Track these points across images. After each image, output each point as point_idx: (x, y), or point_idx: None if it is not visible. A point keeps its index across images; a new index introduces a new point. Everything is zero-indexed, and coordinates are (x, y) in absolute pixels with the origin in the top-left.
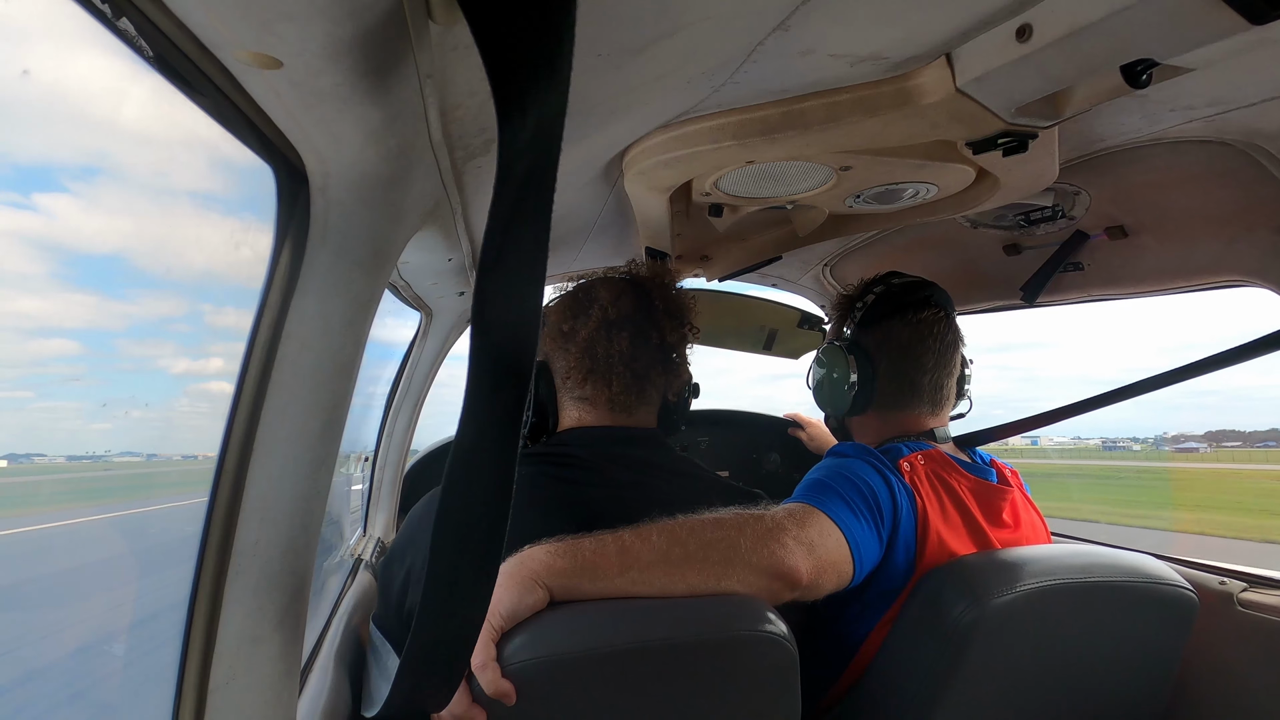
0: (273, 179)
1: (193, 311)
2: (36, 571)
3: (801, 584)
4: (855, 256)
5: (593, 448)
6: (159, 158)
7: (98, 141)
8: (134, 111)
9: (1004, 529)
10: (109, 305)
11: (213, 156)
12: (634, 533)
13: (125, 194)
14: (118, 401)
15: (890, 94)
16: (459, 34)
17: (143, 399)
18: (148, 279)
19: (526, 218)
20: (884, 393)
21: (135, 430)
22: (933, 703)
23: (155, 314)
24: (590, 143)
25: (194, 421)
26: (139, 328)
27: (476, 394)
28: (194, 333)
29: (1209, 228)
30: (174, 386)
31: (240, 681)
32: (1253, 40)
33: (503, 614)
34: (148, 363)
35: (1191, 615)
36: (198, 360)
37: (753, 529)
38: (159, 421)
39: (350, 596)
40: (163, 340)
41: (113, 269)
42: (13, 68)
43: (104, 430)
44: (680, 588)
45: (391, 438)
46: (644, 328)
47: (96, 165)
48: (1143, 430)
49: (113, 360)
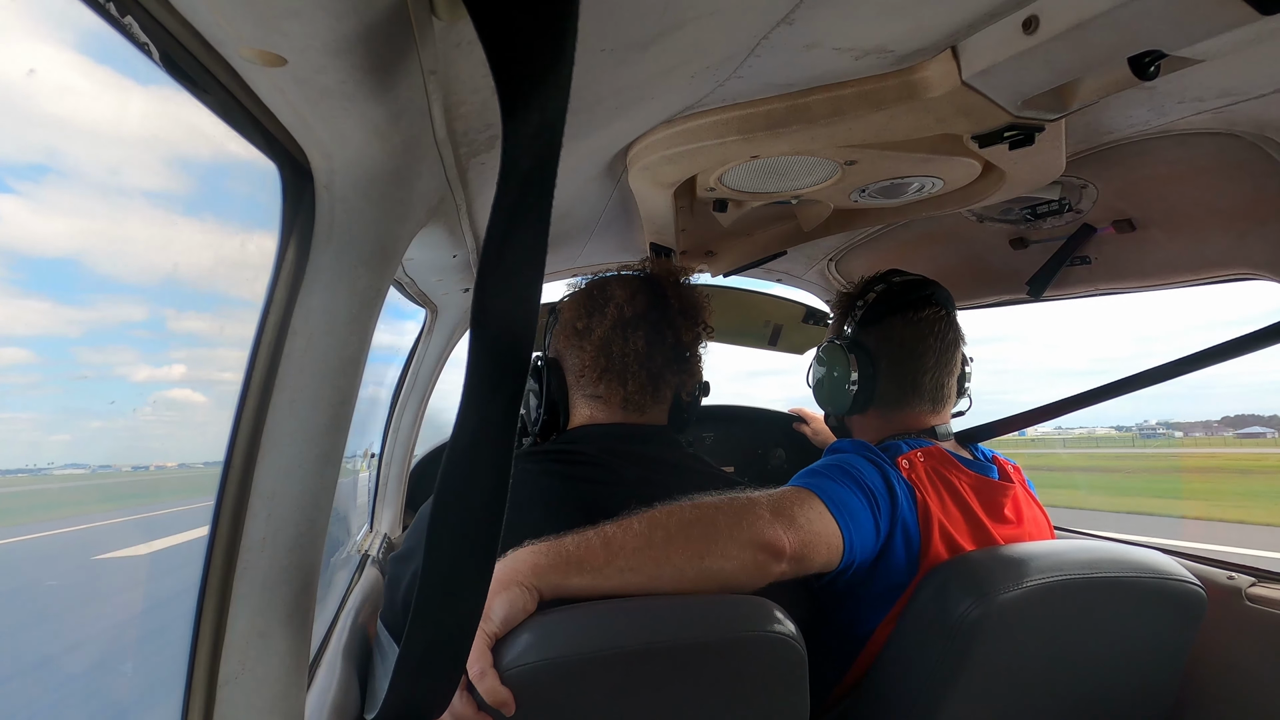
0: (278, 176)
1: (196, 311)
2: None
3: (785, 554)
4: (860, 251)
5: (602, 444)
6: (164, 156)
7: (98, 141)
8: (138, 110)
9: (1006, 524)
10: (109, 305)
11: (217, 154)
12: (615, 524)
13: (126, 193)
14: (127, 402)
15: (895, 87)
16: (463, 30)
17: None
18: (148, 278)
19: (529, 213)
20: (885, 391)
21: (139, 431)
22: (938, 699)
23: (155, 313)
24: (595, 138)
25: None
26: (140, 326)
27: (476, 389)
28: (195, 333)
29: (1218, 221)
30: (174, 386)
31: (249, 676)
32: (1263, 31)
33: (496, 620)
34: (148, 363)
35: (1200, 611)
36: (203, 359)
37: (730, 506)
38: (171, 423)
39: (357, 592)
40: (164, 340)
41: (112, 268)
42: (19, 66)
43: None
44: (667, 570)
45: (397, 434)
46: (659, 327)
47: (96, 165)
48: (1156, 416)
49: (116, 363)
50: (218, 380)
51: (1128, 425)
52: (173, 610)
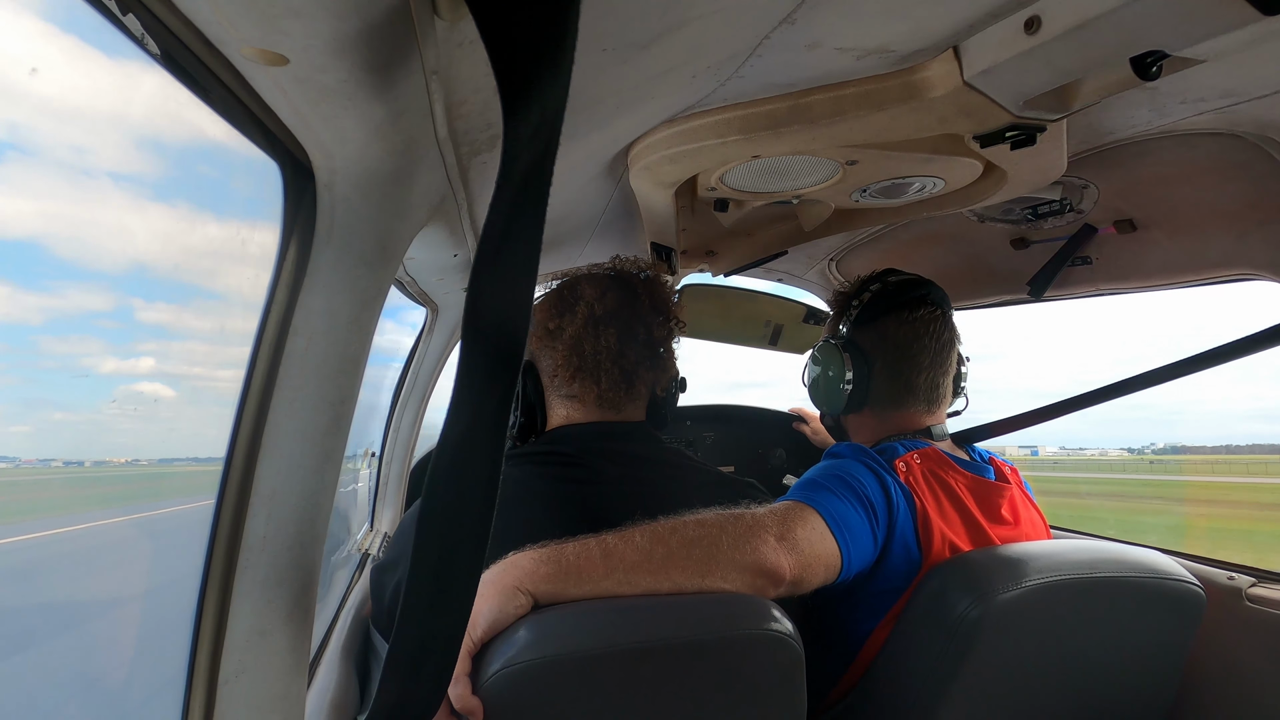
0: (279, 175)
1: (198, 309)
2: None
3: (785, 580)
4: (861, 251)
5: (582, 444)
6: (165, 155)
7: (99, 140)
8: (140, 108)
9: (1003, 526)
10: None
11: (219, 153)
12: (617, 535)
13: (126, 193)
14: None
15: (897, 88)
16: (464, 29)
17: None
18: (149, 277)
19: (526, 211)
20: (879, 391)
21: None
22: (938, 699)
23: (157, 312)
24: (596, 138)
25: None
26: (141, 326)
27: (468, 386)
28: (197, 332)
29: (1219, 221)
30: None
31: (250, 674)
32: (1264, 32)
33: (482, 625)
34: (152, 360)
35: (1199, 611)
36: (205, 357)
37: (734, 527)
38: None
39: (357, 591)
40: (166, 339)
41: (111, 267)
42: (22, 65)
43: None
44: (666, 586)
45: (398, 433)
46: (631, 323)
47: (97, 165)
48: (1165, 439)
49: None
50: (218, 380)
51: (1091, 448)
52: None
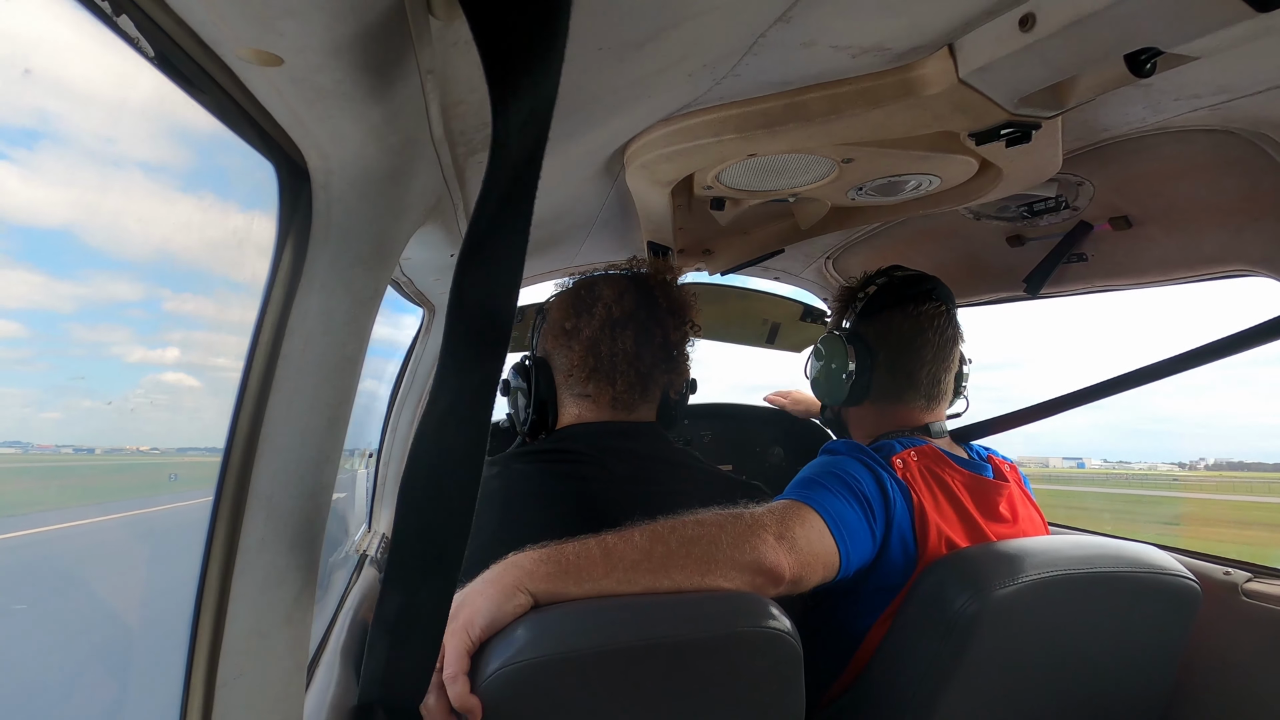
0: (274, 176)
1: (196, 309)
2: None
3: (784, 579)
4: (857, 249)
5: (593, 442)
6: (160, 156)
7: (100, 140)
8: (135, 110)
9: (1000, 523)
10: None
11: (214, 154)
12: (617, 535)
13: (126, 192)
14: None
15: (892, 85)
16: (460, 29)
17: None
18: (150, 275)
19: (514, 204)
20: (880, 384)
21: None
22: (935, 695)
23: (156, 312)
24: (592, 137)
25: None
26: (143, 325)
27: (450, 367)
28: (198, 330)
29: (1214, 217)
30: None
31: (248, 677)
32: (1259, 28)
33: (482, 624)
34: (151, 361)
35: (1194, 606)
36: (206, 357)
37: (734, 526)
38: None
39: (356, 592)
40: (166, 337)
41: (110, 266)
42: (14, 68)
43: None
44: (665, 585)
45: (395, 433)
46: (648, 326)
47: (97, 164)
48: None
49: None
50: (219, 379)
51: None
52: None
